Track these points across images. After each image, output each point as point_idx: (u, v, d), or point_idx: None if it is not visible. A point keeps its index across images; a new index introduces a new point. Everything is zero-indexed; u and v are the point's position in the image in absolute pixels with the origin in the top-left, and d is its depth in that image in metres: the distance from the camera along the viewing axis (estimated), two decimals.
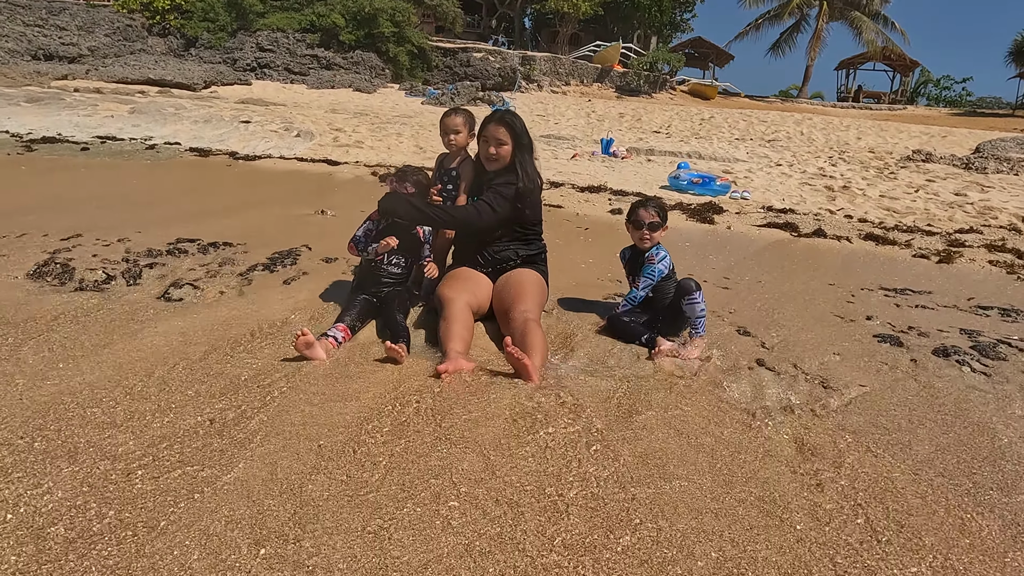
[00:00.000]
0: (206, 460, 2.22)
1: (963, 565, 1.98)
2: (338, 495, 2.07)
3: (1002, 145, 15.58)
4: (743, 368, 3.38)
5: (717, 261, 5.93)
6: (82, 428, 2.36)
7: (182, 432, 2.38)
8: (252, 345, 3.26)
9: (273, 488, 2.08)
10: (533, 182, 3.82)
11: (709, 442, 2.61)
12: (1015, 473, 2.53)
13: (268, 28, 26.52)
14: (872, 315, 4.48)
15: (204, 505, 1.98)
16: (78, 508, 1.93)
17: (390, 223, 3.70)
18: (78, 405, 2.52)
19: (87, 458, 2.18)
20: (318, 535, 1.89)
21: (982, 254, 6.57)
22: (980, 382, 3.43)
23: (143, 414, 2.49)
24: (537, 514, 2.05)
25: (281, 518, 1.95)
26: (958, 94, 51.79)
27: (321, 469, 2.21)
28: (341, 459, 2.28)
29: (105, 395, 2.62)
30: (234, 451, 2.28)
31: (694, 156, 13.41)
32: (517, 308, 3.49)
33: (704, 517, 2.11)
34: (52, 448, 2.22)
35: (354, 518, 1.97)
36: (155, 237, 5.10)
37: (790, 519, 2.13)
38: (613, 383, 3.10)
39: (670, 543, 1.97)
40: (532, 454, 2.40)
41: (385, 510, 2.02)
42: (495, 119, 3.78)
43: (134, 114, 13.36)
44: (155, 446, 2.28)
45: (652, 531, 2.02)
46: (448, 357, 3.11)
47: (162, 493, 2.03)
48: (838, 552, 1.99)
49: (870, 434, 2.78)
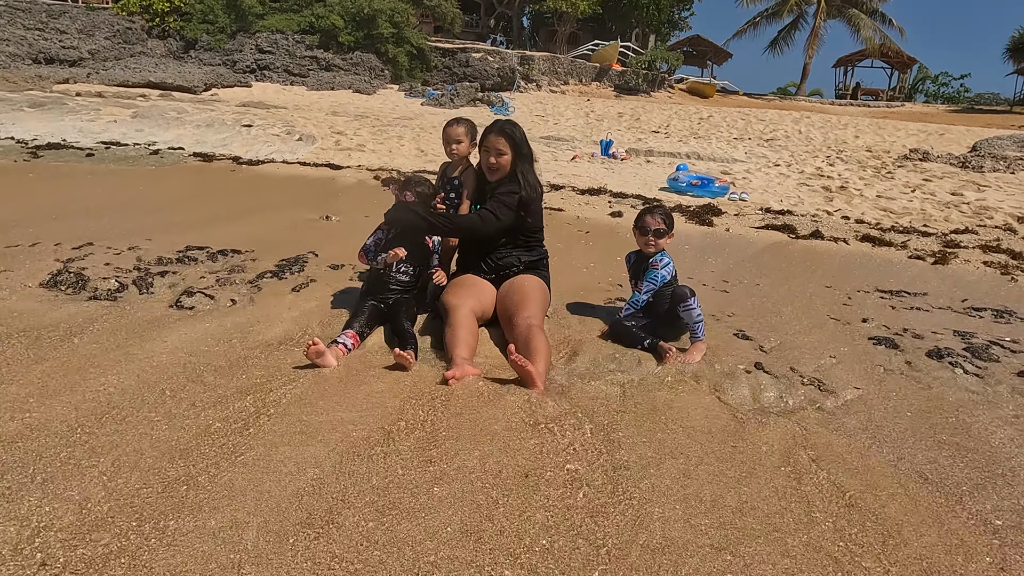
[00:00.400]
0: (221, 460, 2.32)
1: (935, 557, 2.09)
2: (353, 495, 2.18)
3: (999, 143, 15.68)
4: (741, 372, 3.48)
5: (716, 264, 6.03)
6: (132, 424, 2.47)
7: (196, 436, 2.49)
8: (265, 353, 3.36)
9: (290, 487, 2.19)
10: (535, 190, 3.93)
11: (708, 442, 2.72)
12: (999, 474, 2.64)
13: (267, 30, 26.56)
14: (868, 317, 4.58)
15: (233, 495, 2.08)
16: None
17: (399, 232, 3.79)
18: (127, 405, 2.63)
19: (118, 456, 2.28)
20: (337, 532, 1.99)
21: (977, 255, 6.68)
22: (972, 383, 3.53)
23: (174, 416, 2.60)
24: (542, 511, 2.16)
25: (299, 517, 2.05)
26: (956, 90, 51.83)
27: (337, 470, 2.31)
28: (355, 461, 2.38)
29: (139, 397, 2.73)
30: (253, 450, 2.38)
31: (693, 157, 13.51)
32: (520, 315, 3.59)
33: (700, 519, 2.21)
34: (100, 445, 2.33)
35: (368, 518, 2.07)
36: (164, 245, 5.20)
37: (776, 511, 2.24)
38: (616, 388, 3.21)
39: (667, 548, 2.07)
40: (537, 456, 2.50)
41: (400, 509, 2.12)
42: (495, 130, 3.86)
43: (137, 119, 13.46)
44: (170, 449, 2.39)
45: (654, 531, 2.12)
46: (455, 363, 3.21)
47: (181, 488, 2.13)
48: (822, 542, 2.10)
49: (859, 435, 2.90)
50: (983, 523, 2.30)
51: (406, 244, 3.73)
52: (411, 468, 2.38)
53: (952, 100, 49.33)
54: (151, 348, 3.31)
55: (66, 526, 1.98)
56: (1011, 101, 43.52)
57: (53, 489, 2.14)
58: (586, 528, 2.13)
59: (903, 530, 2.22)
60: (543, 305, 3.83)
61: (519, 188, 3.84)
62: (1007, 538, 2.22)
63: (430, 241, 3.87)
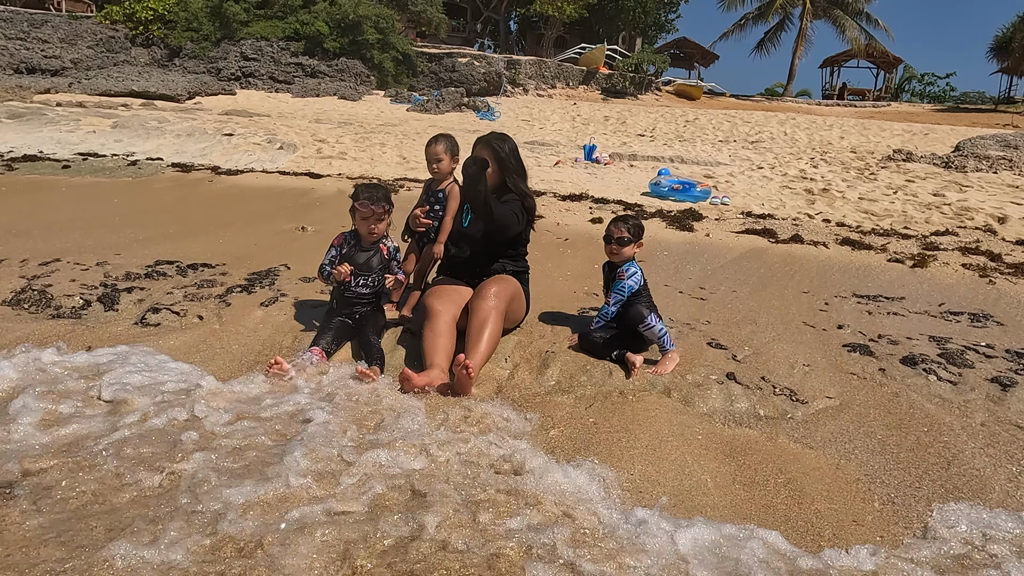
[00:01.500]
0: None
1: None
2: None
3: (982, 143, 15.73)
4: (713, 383, 3.44)
5: (693, 271, 6.00)
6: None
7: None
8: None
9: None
10: (533, 200, 3.97)
11: (676, 450, 2.68)
12: (949, 479, 2.61)
13: (252, 37, 26.45)
14: (844, 324, 4.55)
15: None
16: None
17: (351, 248, 3.71)
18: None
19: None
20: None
21: (956, 257, 6.67)
22: (945, 391, 3.50)
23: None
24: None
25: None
26: (942, 89, 52.16)
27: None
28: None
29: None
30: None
31: (676, 161, 13.51)
32: (486, 298, 3.58)
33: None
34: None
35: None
36: (134, 259, 5.12)
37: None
38: (584, 400, 3.17)
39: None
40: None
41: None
42: (482, 142, 3.89)
43: (116, 129, 13.34)
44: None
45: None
46: (431, 368, 3.27)
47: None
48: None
49: (828, 447, 2.87)
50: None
51: (356, 259, 3.66)
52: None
53: (938, 99, 49.66)
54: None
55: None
56: (996, 99, 43.86)
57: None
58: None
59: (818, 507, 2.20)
60: (512, 301, 3.76)
61: (524, 197, 3.88)
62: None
63: (385, 248, 3.74)
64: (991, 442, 2.98)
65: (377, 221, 3.62)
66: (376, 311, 3.78)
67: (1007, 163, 13.14)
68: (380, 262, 3.71)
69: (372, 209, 3.57)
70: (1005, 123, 27.72)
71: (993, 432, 3.08)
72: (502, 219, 3.68)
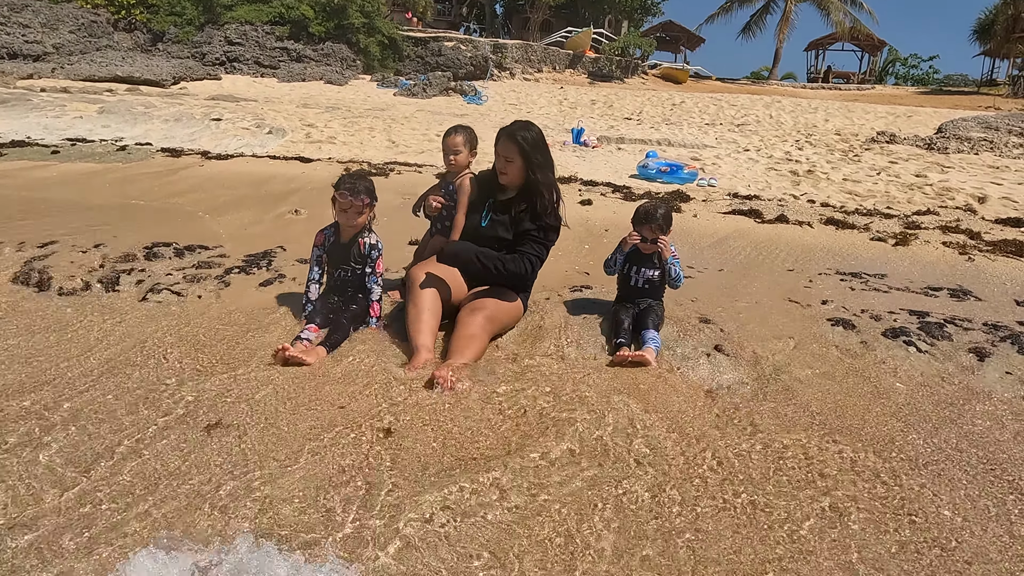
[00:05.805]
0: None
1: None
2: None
3: (964, 125, 15.93)
4: (701, 355, 3.57)
5: (682, 251, 6.10)
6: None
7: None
8: (233, 351, 3.39)
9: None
10: (560, 219, 3.83)
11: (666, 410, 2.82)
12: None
13: (236, 21, 26.20)
14: (828, 299, 4.68)
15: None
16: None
17: (332, 245, 3.74)
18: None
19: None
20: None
21: (936, 236, 6.83)
22: (924, 361, 3.65)
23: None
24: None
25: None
26: (925, 72, 52.62)
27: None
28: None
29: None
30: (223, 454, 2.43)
31: (664, 144, 13.62)
32: (478, 317, 3.51)
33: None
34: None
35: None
36: (130, 242, 5.16)
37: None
38: (577, 369, 3.29)
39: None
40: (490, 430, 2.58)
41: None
42: (505, 134, 3.71)
43: (103, 114, 13.26)
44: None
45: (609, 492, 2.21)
46: (416, 352, 3.29)
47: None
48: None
49: (801, 414, 3.02)
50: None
51: (336, 252, 3.71)
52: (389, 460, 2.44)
53: (921, 82, 50.06)
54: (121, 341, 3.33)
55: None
56: (979, 82, 44.22)
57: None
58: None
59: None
60: (504, 324, 3.73)
61: (556, 222, 3.77)
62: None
63: (362, 243, 3.73)
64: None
65: (357, 213, 3.60)
66: (362, 299, 3.77)
67: (988, 144, 13.35)
68: (359, 255, 3.71)
69: (351, 201, 3.55)
70: (987, 105, 28.01)
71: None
72: (513, 277, 3.70)
